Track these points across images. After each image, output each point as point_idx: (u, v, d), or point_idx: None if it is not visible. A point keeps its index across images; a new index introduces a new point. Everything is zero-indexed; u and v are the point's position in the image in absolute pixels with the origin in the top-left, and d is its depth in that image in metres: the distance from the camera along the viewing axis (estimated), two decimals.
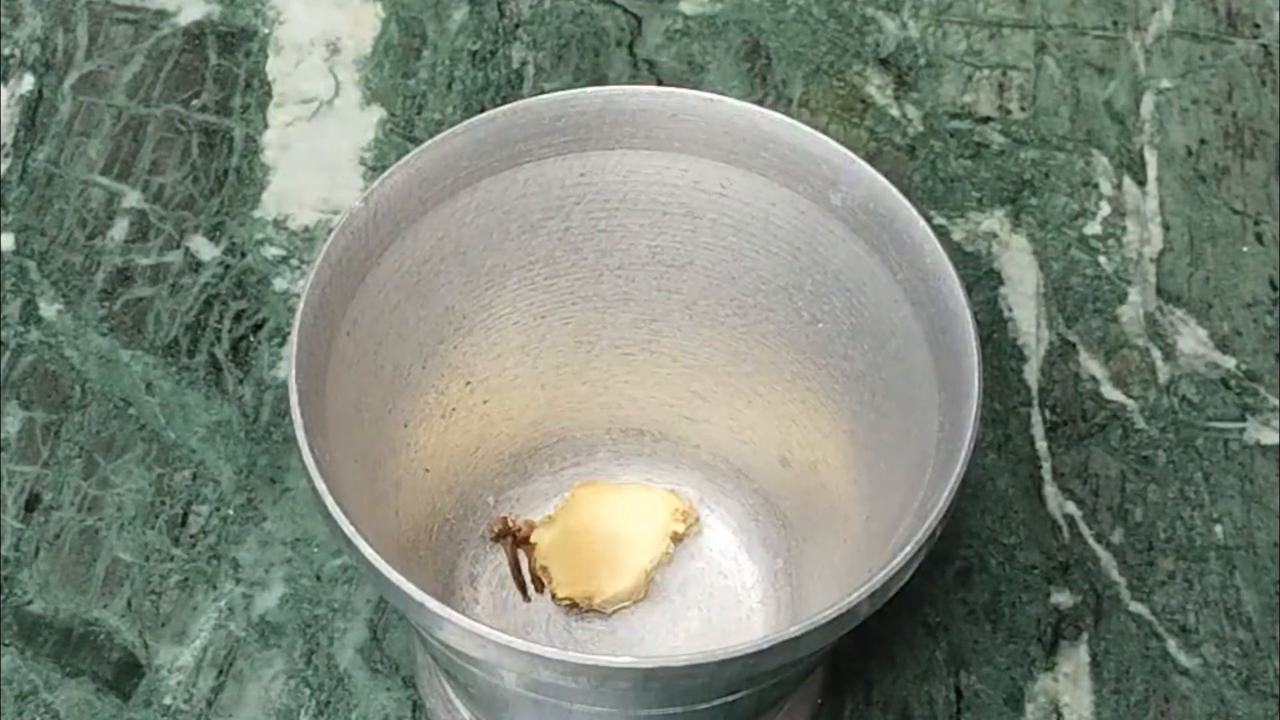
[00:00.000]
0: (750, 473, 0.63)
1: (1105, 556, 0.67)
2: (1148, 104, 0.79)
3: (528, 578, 0.63)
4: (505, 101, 0.64)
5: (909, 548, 0.50)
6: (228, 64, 0.79)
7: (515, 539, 0.63)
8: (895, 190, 0.56)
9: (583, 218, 0.60)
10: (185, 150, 0.77)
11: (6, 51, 0.79)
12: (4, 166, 0.76)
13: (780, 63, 0.80)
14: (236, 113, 0.78)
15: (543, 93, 0.60)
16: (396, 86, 0.79)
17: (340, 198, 0.75)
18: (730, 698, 0.53)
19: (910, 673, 0.64)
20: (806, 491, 0.61)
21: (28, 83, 0.79)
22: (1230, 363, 0.71)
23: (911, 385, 0.55)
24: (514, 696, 0.54)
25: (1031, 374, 0.71)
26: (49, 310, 0.72)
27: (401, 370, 0.58)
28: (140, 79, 0.79)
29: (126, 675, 0.64)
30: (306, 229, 0.75)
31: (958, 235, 0.75)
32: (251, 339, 0.71)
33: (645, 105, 0.58)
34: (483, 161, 0.58)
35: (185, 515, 0.67)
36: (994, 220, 0.75)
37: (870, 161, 0.57)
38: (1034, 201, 0.76)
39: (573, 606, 0.62)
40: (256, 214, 0.75)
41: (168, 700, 0.63)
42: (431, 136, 0.57)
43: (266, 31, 0.81)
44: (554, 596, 0.62)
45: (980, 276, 0.74)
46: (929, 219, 0.57)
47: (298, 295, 0.57)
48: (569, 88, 0.66)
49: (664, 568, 0.63)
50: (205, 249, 0.74)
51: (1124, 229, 0.75)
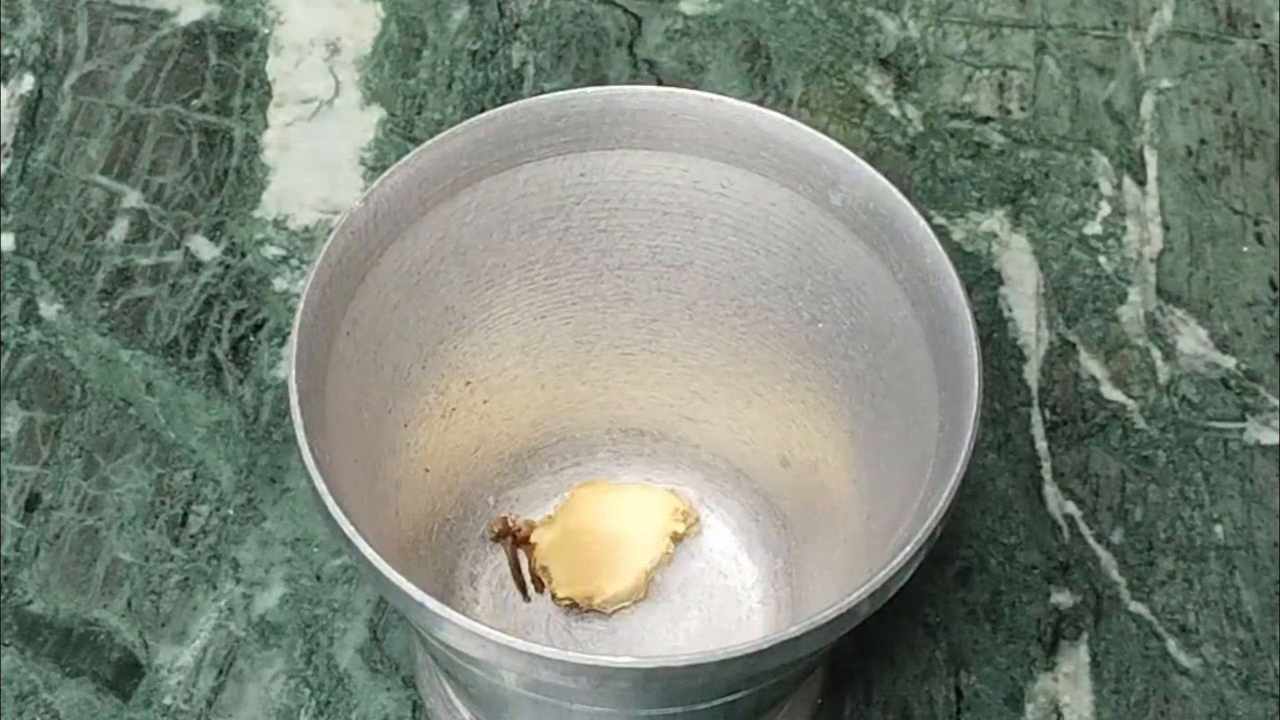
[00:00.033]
0: (750, 473, 0.63)
1: (1105, 556, 0.67)
2: (1148, 104, 0.79)
3: (528, 578, 0.63)
4: (505, 101, 0.64)
5: (909, 548, 0.50)
6: (228, 64, 0.79)
7: (515, 539, 0.63)
8: (895, 190, 0.56)
9: (583, 218, 0.60)
10: (185, 150, 0.77)
11: (6, 51, 0.79)
12: (4, 166, 0.76)
13: (780, 63, 0.80)
14: (236, 113, 0.78)
15: (543, 93, 0.60)
16: (396, 86, 0.79)
17: (340, 198, 0.75)
18: (730, 698, 0.53)
19: (910, 673, 0.64)
20: (806, 491, 0.61)
21: (28, 83, 0.79)
22: (1230, 363, 0.71)
23: (911, 385, 0.55)
24: (514, 696, 0.54)
25: (1031, 374, 0.71)
26: (49, 310, 0.72)
27: (401, 370, 0.58)
28: (140, 79, 0.79)
29: (126, 675, 0.64)
30: (306, 229, 0.75)
31: (958, 235, 0.75)
32: (251, 339, 0.71)
33: (645, 105, 0.58)
34: (483, 161, 0.58)
35: (185, 515, 0.67)
36: (994, 220, 0.75)
37: (870, 161, 0.57)
38: (1034, 201, 0.76)
39: (573, 606, 0.62)
40: (256, 214, 0.75)
41: (168, 700, 0.63)
42: (431, 136, 0.57)
43: (266, 31, 0.81)
44: (554, 596, 0.62)
45: (980, 276, 0.74)
46: (929, 219, 0.57)
47: (298, 295, 0.57)
48: (569, 88, 0.66)
49: (664, 568, 0.63)
50: (205, 249, 0.74)
51: (1124, 229, 0.75)
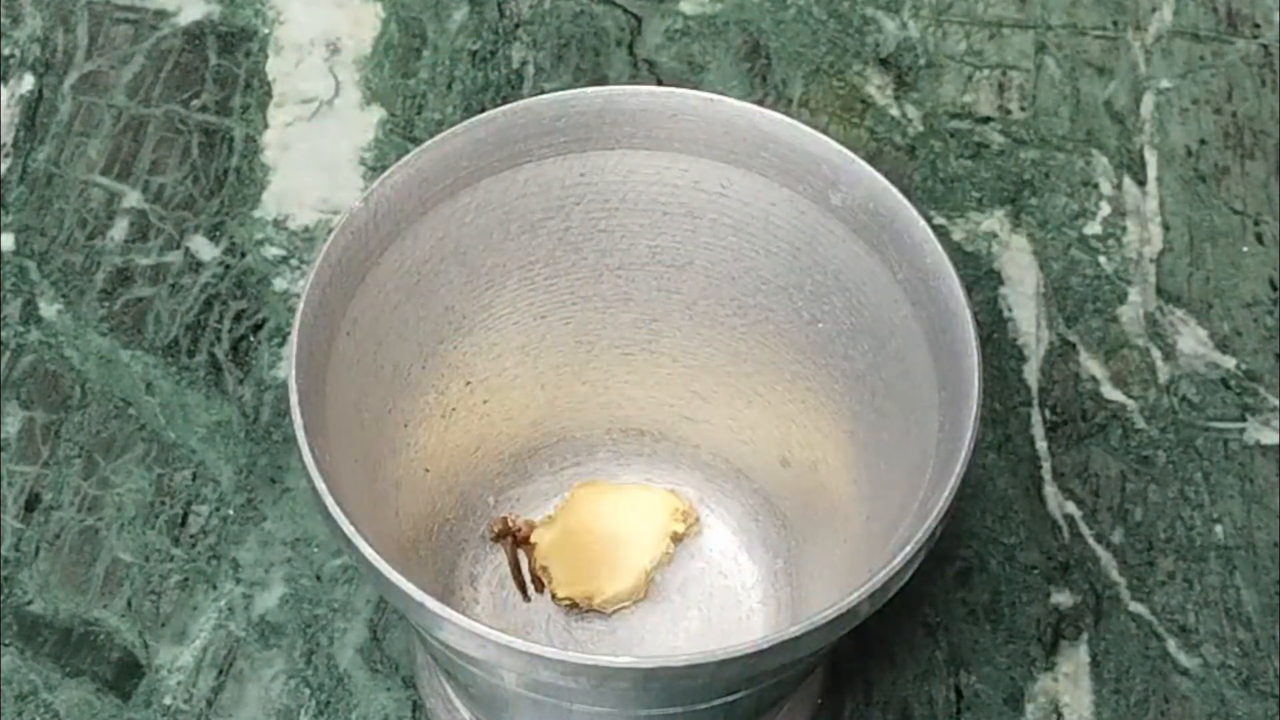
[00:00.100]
0: (750, 473, 0.63)
1: (1105, 556, 0.67)
2: (1148, 104, 0.79)
3: (528, 578, 0.63)
4: (505, 101, 0.64)
5: (909, 548, 0.50)
6: (228, 64, 0.79)
7: (515, 539, 0.63)
8: (895, 190, 0.56)
9: (583, 218, 0.60)
10: (185, 150, 0.77)
11: (6, 51, 0.79)
12: (4, 166, 0.76)
13: (780, 63, 0.80)
14: (236, 113, 0.78)
15: (543, 93, 0.60)
16: (396, 86, 0.79)
17: (340, 198, 0.75)
18: (730, 698, 0.53)
19: (910, 673, 0.64)
20: (806, 491, 0.61)
21: (28, 83, 0.79)
22: (1230, 363, 0.71)
23: (911, 385, 0.55)
24: (514, 696, 0.54)
25: (1031, 374, 0.71)
26: (49, 310, 0.72)
27: (401, 370, 0.58)
28: (140, 79, 0.79)
29: (126, 675, 0.64)
30: (306, 229, 0.75)
31: (958, 235, 0.75)
32: (251, 339, 0.71)
33: (645, 105, 0.58)
34: (483, 161, 0.58)
35: (185, 515, 0.67)
36: (994, 220, 0.75)
37: (870, 161, 0.57)
38: (1034, 201, 0.76)
39: (573, 606, 0.62)
40: (256, 214, 0.75)
41: (168, 700, 0.63)
42: (431, 136, 0.57)
43: (266, 31, 0.81)
44: (554, 596, 0.62)
45: (980, 276, 0.74)
46: (929, 219, 0.57)
47: (298, 295, 0.57)
48: (569, 88, 0.66)
49: (664, 568, 0.63)
50: (205, 249, 0.74)
51: (1124, 229, 0.75)
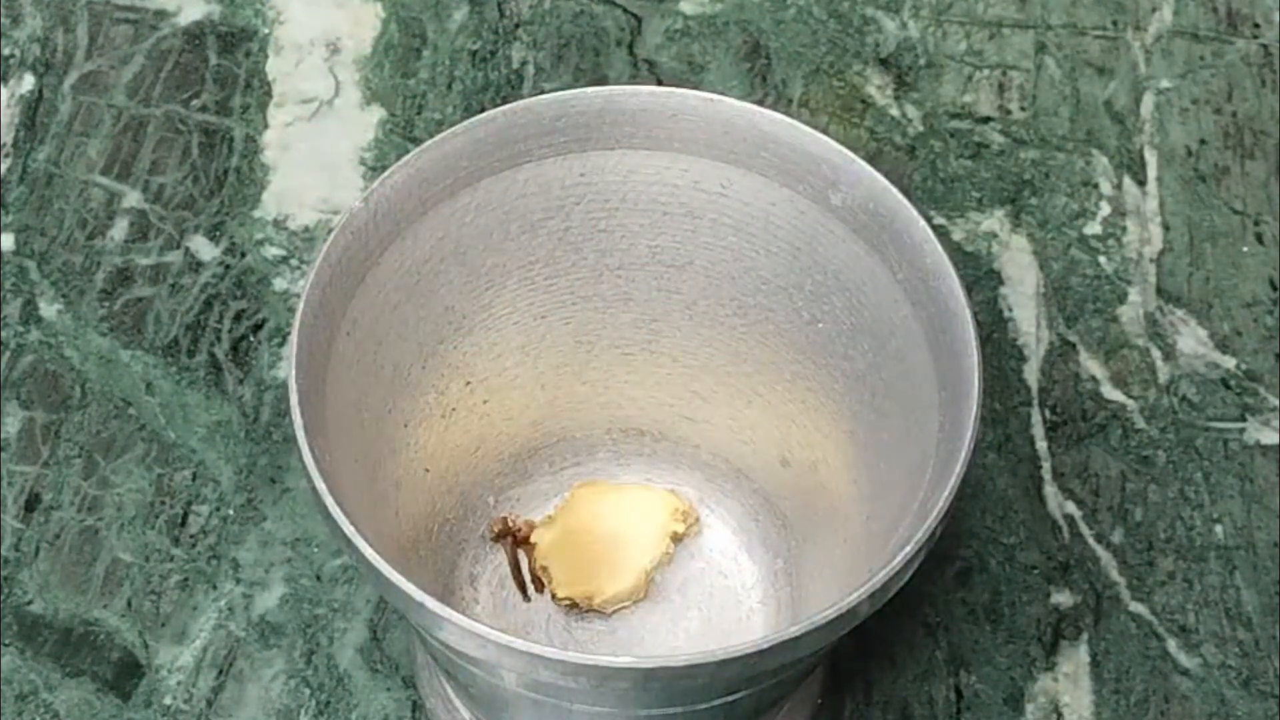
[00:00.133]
0: (750, 473, 0.63)
1: (1105, 556, 0.67)
2: (1148, 104, 0.79)
3: (528, 578, 0.63)
4: (505, 101, 0.64)
5: (909, 548, 0.50)
6: (228, 64, 0.79)
7: (515, 539, 0.63)
8: (895, 190, 0.56)
9: (583, 218, 0.60)
10: (185, 150, 0.77)
11: (6, 51, 0.79)
12: (4, 166, 0.76)
13: (780, 63, 0.80)
14: (236, 113, 0.78)
15: (543, 93, 0.60)
16: (396, 86, 0.79)
17: (340, 198, 0.75)
18: (730, 698, 0.53)
19: (910, 673, 0.64)
20: (806, 491, 0.61)
21: (28, 83, 0.79)
22: (1230, 363, 0.71)
23: (911, 385, 0.55)
24: (514, 696, 0.54)
25: (1031, 374, 0.71)
26: (49, 310, 0.72)
27: (401, 370, 0.58)
28: (140, 79, 0.79)
29: (126, 675, 0.64)
30: (306, 229, 0.75)
31: (958, 235, 0.75)
32: (251, 339, 0.71)
33: (645, 105, 0.58)
34: (483, 161, 0.58)
35: (185, 515, 0.67)
36: (994, 220, 0.75)
37: (870, 161, 0.57)
38: (1034, 201, 0.76)
39: (573, 606, 0.62)
40: (256, 214, 0.75)
41: (168, 700, 0.63)
42: (431, 136, 0.57)
43: (266, 31, 0.81)
44: (554, 596, 0.62)
45: (980, 276, 0.74)
46: (929, 219, 0.57)
47: (298, 295, 0.57)
48: (569, 88, 0.66)
49: (664, 568, 0.63)
50: (205, 249, 0.74)
51: (1124, 229, 0.75)
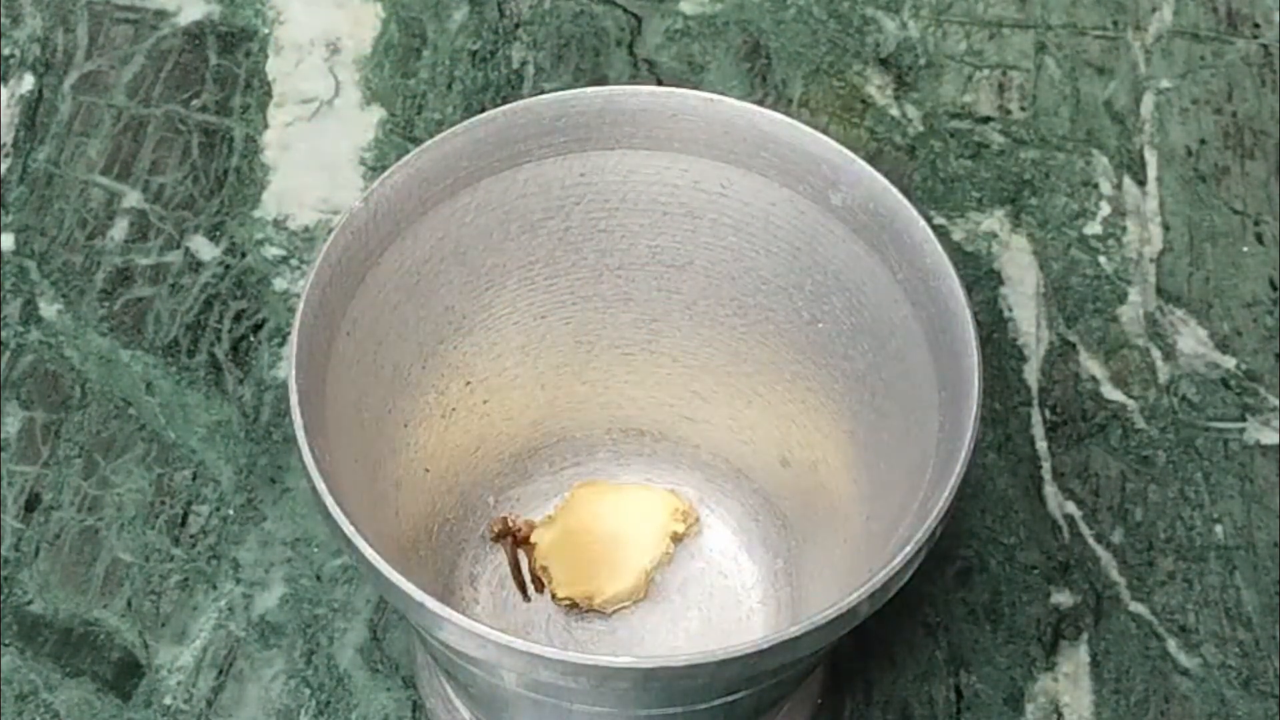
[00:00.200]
0: (750, 473, 0.63)
1: (1105, 556, 0.67)
2: (1148, 104, 0.79)
3: (528, 578, 0.63)
4: (505, 101, 0.64)
5: (909, 548, 0.50)
6: (228, 64, 0.79)
7: (515, 539, 0.63)
8: (895, 190, 0.56)
9: (583, 218, 0.60)
10: (185, 150, 0.77)
11: (6, 51, 0.79)
12: (4, 166, 0.76)
13: (780, 63, 0.80)
14: (236, 113, 0.78)
15: (543, 93, 0.60)
16: (396, 86, 0.79)
17: (340, 198, 0.75)
18: (730, 698, 0.53)
19: (910, 673, 0.64)
20: (806, 491, 0.61)
21: (28, 83, 0.79)
22: (1230, 363, 0.71)
23: (911, 385, 0.55)
24: (514, 696, 0.54)
25: (1031, 374, 0.71)
26: (49, 310, 0.72)
27: (401, 370, 0.58)
28: (140, 79, 0.79)
29: (126, 675, 0.64)
30: (306, 229, 0.75)
31: (958, 235, 0.75)
32: (251, 339, 0.71)
33: (645, 105, 0.58)
34: (483, 161, 0.58)
35: (185, 515, 0.67)
36: (994, 220, 0.75)
37: (870, 161, 0.57)
38: (1034, 201, 0.76)
39: (573, 606, 0.62)
40: (256, 214, 0.75)
41: (168, 700, 0.63)
42: (431, 136, 0.57)
43: (266, 31, 0.81)
44: (554, 596, 0.62)
45: (980, 276, 0.74)
46: (929, 219, 0.57)
47: (298, 295, 0.57)
48: (569, 88, 0.66)
49: (664, 568, 0.63)
50: (205, 249, 0.74)
51: (1124, 229, 0.75)
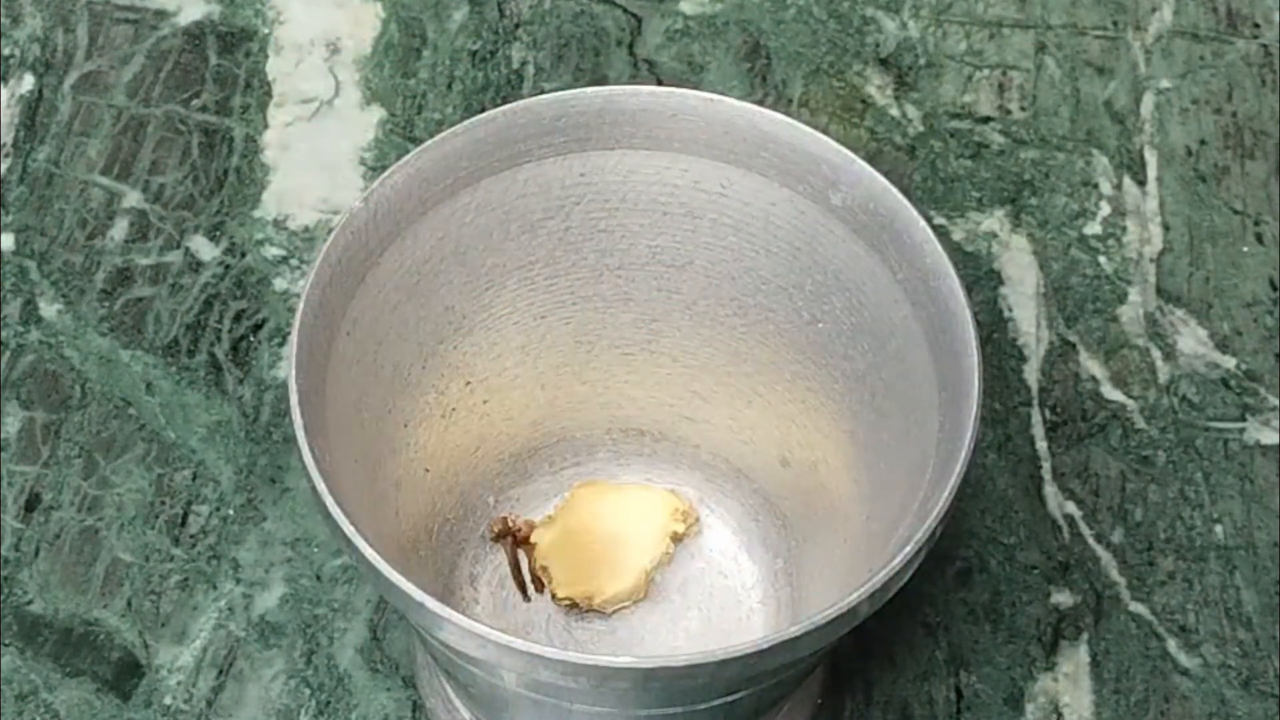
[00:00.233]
0: (750, 473, 0.63)
1: (1105, 556, 0.67)
2: (1148, 104, 0.79)
3: (528, 578, 0.63)
4: (505, 101, 0.64)
5: (909, 548, 0.50)
6: (228, 64, 0.79)
7: (515, 539, 0.63)
8: (895, 190, 0.56)
9: (583, 218, 0.60)
10: (185, 150, 0.77)
11: (6, 51, 0.79)
12: (4, 166, 0.76)
13: (780, 63, 0.80)
14: (236, 113, 0.78)
15: (543, 93, 0.60)
16: (396, 86, 0.79)
17: (340, 198, 0.75)
18: (730, 698, 0.53)
19: (910, 673, 0.64)
20: (806, 491, 0.61)
21: (28, 83, 0.79)
22: (1230, 363, 0.71)
23: (911, 385, 0.55)
24: (514, 696, 0.54)
25: (1031, 374, 0.71)
26: (49, 310, 0.72)
27: (401, 370, 0.58)
28: (140, 79, 0.79)
29: (126, 675, 0.64)
30: (306, 229, 0.75)
31: (958, 235, 0.75)
32: (251, 339, 0.71)
33: (645, 105, 0.58)
34: (483, 161, 0.58)
35: (185, 515, 0.67)
36: (994, 220, 0.75)
37: (870, 161, 0.57)
38: (1034, 201, 0.76)
39: (573, 606, 0.62)
40: (256, 214, 0.75)
41: (168, 700, 0.63)
42: (431, 136, 0.57)
43: (266, 31, 0.81)
44: (554, 596, 0.62)
45: (980, 276, 0.74)
46: (929, 219, 0.57)
47: (298, 295, 0.57)
48: (569, 88, 0.66)
49: (664, 568, 0.63)
50: (205, 249, 0.74)
51: (1124, 229, 0.75)
